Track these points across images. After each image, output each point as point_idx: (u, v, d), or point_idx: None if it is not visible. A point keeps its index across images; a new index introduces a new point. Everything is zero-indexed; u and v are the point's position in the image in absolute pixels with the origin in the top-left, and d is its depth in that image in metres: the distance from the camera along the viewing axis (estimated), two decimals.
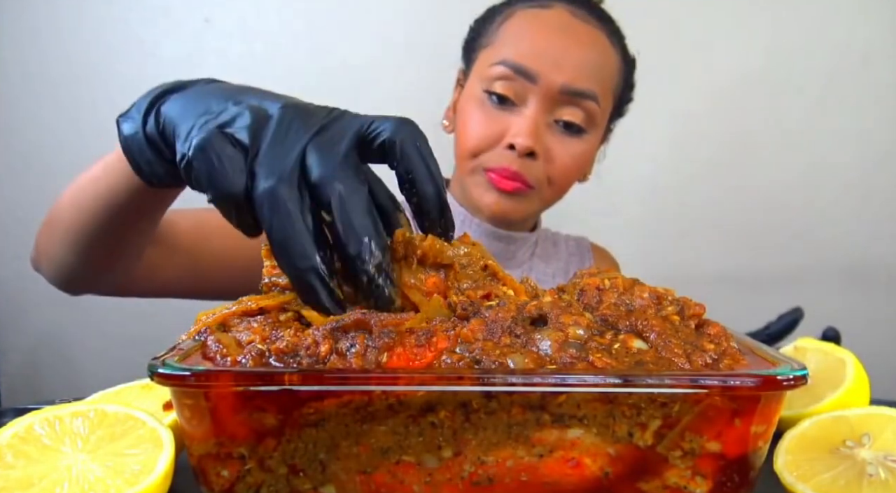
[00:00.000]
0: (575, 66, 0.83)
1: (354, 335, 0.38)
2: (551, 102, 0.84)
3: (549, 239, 1.04)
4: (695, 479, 0.38)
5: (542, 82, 0.83)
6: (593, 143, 0.89)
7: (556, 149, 0.85)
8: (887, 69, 1.55)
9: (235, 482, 0.37)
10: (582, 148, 0.87)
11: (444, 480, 0.37)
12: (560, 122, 0.85)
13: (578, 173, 0.90)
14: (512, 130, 0.83)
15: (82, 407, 0.41)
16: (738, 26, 1.54)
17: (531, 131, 0.82)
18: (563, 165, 0.86)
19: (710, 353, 0.40)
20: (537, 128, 0.83)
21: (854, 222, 1.59)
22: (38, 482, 0.36)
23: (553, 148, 0.85)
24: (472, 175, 0.87)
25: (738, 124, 1.56)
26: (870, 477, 0.40)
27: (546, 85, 0.83)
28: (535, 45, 0.84)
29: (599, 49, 0.86)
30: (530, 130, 0.82)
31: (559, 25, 0.85)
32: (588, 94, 0.84)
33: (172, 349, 0.39)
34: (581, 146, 0.86)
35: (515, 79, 0.83)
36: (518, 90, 0.83)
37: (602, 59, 0.86)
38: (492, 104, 0.85)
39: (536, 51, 0.83)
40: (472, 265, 0.44)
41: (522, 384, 0.36)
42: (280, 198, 0.36)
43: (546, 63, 0.83)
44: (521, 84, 0.83)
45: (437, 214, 0.41)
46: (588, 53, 0.85)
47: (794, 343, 0.58)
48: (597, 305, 0.44)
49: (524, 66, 0.83)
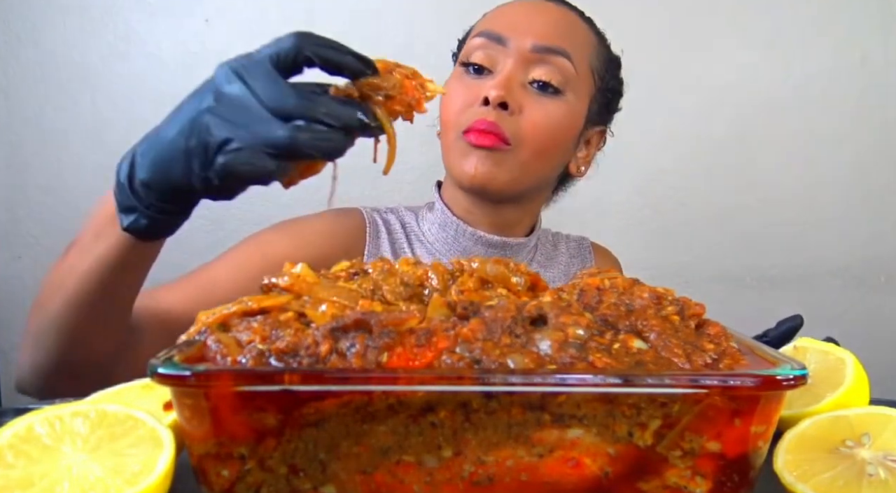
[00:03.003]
0: (544, 26, 0.87)
1: (354, 335, 0.38)
2: (525, 62, 0.86)
3: (548, 241, 1.03)
4: (695, 479, 0.38)
5: (513, 44, 0.86)
6: (571, 108, 0.88)
7: (531, 105, 0.86)
8: (886, 69, 1.55)
9: (235, 482, 0.37)
10: (557, 108, 0.87)
11: (444, 480, 0.37)
12: (535, 83, 0.86)
13: (555, 137, 0.88)
14: (485, 88, 0.85)
15: (82, 407, 0.41)
16: (737, 26, 1.54)
17: (502, 83, 0.84)
18: (536, 122, 0.85)
19: (710, 353, 0.40)
20: (510, 82, 0.85)
21: (854, 222, 1.59)
22: (39, 481, 0.36)
23: (527, 105, 0.85)
24: (454, 147, 0.87)
25: (738, 124, 1.56)
26: (869, 477, 0.40)
27: (517, 46, 0.86)
28: (505, 14, 0.90)
29: (569, 19, 0.90)
30: (501, 82, 0.84)
31: (527, 2, 0.91)
32: (559, 50, 0.86)
33: (172, 349, 0.39)
34: (556, 106, 0.86)
35: (489, 45, 0.87)
36: (492, 56, 0.87)
37: (572, 24, 0.90)
38: (469, 75, 0.88)
39: (506, 18, 0.89)
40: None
41: (522, 384, 0.36)
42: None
43: (516, 27, 0.87)
44: (495, 50, 0.87)
45: (356, 65, 0.53)
46: (556, 17, 0.89)
47: (794, 343, 0.58)
48: (597, 305, 0.44)
49: (495, 31, 0.87)
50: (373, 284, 0.46)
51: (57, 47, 1.49)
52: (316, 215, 0.92)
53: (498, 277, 0.48)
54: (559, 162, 0.92)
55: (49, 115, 1.50)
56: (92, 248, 0.62)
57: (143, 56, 1.50)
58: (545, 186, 0.95)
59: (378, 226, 0.94)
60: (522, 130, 0.85)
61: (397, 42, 1.50)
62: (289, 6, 1.52)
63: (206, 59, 1.50)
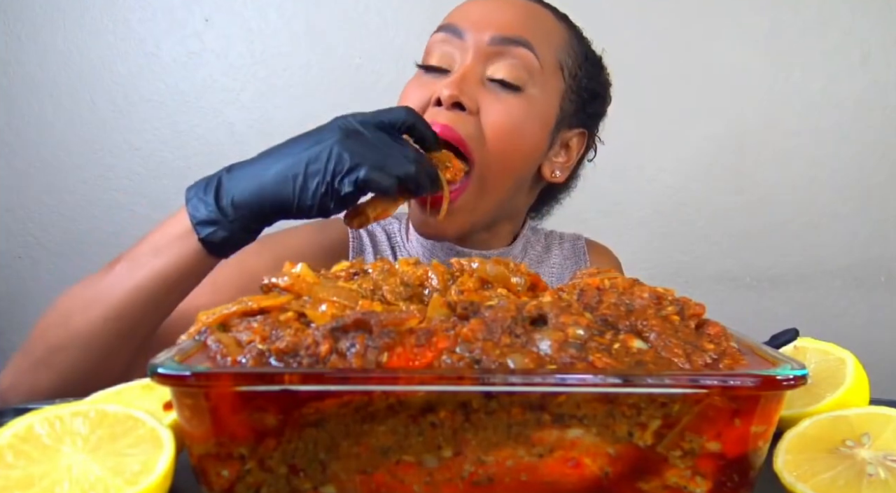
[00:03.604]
0: (503, 16, 0.81)
1: (354, 335, 0.38)
2: (484, 57, 0.79)
3: (539, 243, 0.98)
4: (695, 479, 0.38)
5: (471, 37, 0.79)
6: (536, 105, 0.81)
7: (490, 103, 0.78)
8: (886, 69, 1.55)
9: (235, 482, 0.37)
10: (519, 104, 0.79)
11: (444, 480, 0.37)
12: (496, 80, 0.79)
13: (518, 136, 0.80)
14: (439, 87, 0.78)
15: (82, 407, 0.41)
16: (737, 27, 1.54)
17: (456, 81, 0.77)
18: (496, 120, 0.78)
19: (710, 353, 0.40)
20: (464, 80, 0.78)
21: (854, 222, 1.59)
22: (39, 481, 0.36)
23: (486, 103, 0.78)
24: None
25: (738, 124, 1.56)
26: (869, 477, 0.40)
27: (475, 39, 0.79)
28: (464, 8, 0.84)
29: (533, 10, 0.84)
30: (455, 80, 0.77)
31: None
32: (519, 40, 0.79)
33: (172, 349, 0.39)
34: (518, 103, 0.79)
35: (448, 40, 0.81)
36: (450, 53, 0.81)
37: (536, 15, 0.83)
38: (426, 75, 0.82)
39: (465, 11, 0.83)
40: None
41: (522, 384, 0.36)
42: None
43: (475, 19, 0.81)
44: (453, 45, 0.81)
45: (434, 140, 0.73)
46: (519, 9, 0.82)
47: (794, 343, 0.58)
48: (597, 305, 0.44)
49: (453, 24, 0.81)
50: (373, 284, 0.46)
51: (57, 47, 1.49)
52: (296, 229, 0.88)
53: (498, 277, 0.48)
54: (526, 167, 0.84)
55: (49, 115, 1.50)
56: (147, 262, 0.67)
57: (143, 56, 1.50)
58: (518, 192, 0.87)
59: (362, 240, 0.90)
60: (482, 131, 0.78)
61: (396, 43, 1.51)
62: (288, 6, 1.52)
63: (206, 60, 1.52)
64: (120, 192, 1.50)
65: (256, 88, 1.53)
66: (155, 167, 1.51)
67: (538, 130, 0.82)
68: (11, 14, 1.48)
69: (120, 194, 1.50)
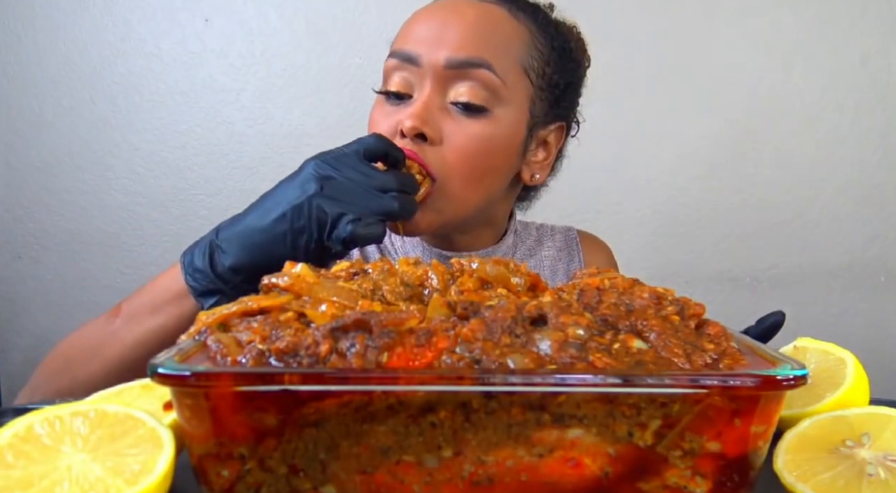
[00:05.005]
0: (456, 35, 0.77)
1: (354, 335, 0.38)
2: (442, 82, 0.77)
3: (531, 237, 0.97)
4: (695, 479, 0.38)
5: (426, 62, 0.77)
6: (502, 124, 0.79)
7: (453, 131, 0.77)
8: (886, 69, 1.55)
9: (235, 482, 0.37)
10: (483, 128, 0.77)
11: (444, 480, 0.37)
12: (458, 104, 0.77)
13: (486, 160, 0.79)
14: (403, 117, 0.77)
15: (82, 407, 0.41)
16: (737, 27, 1.54)
17: (417, 112, 0.76)
18: (459, 146, 0.76)
19: (710, 353, 0.40)
20: (426, 110, 0.76)
21: (854, 222, 1.59)
22: (39, 482, 0.36)
23: (449, 132, 0.77)
24: None
25: (738, 124, 1.56)
26: (869, 477, 0.40)
27: (431, 64, 0.77)
28: (414, 29, 0.80)
29: (489, 19, 0.79)
30: (415, 111, 0.76)
31: (440, 6, 0.81)
32: (476, 61, 0.76)
33: (172, 349, 0.39)
34: (482, 127, 0.77)
35: (403, 67, 0.78)
36: (408, 80, 0.78)
37: (491, 25, 0.79)
38: (388, 103, 0.80)
39: (416, 34, 0.79)
40: None
41: (522, 384, 0.36)
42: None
43: (426, 42, 0.77)
44: (409, 71, 0.78)
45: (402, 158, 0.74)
46: (472, 23, 0.78)
47: (794, 343, 0.58)
48: (597, 305, 0.44)
49: (405, 51, 0.78)
50: (373, 284, 0.46)
51: (57, 47, 1.49)
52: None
53: (498, 277, 0.48)
54: (498, 182, 0.83)
55: (49, 115, 1.50)
56: (145, 320, 0.69)
57: (143, 56, 1.50)
58: (494, 202, 0.86)
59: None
60: (446, 159, 0.77)
61: None
62: (288, 6, 1.52)
63: (206, 60, 1.52)
64: (120, 192, 1.50)
65: (256, 88, 1.53)
66: (155, 167, 1.51)
67: (505, 149, 0.81)
68: (11, 14, 1.48)
69: (120, 194, 1.50)
